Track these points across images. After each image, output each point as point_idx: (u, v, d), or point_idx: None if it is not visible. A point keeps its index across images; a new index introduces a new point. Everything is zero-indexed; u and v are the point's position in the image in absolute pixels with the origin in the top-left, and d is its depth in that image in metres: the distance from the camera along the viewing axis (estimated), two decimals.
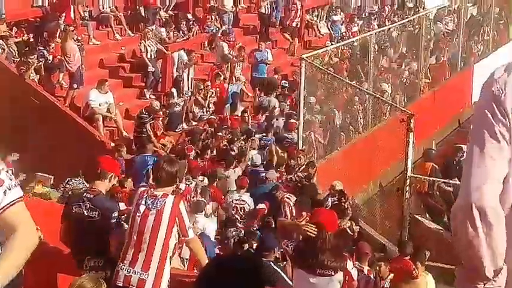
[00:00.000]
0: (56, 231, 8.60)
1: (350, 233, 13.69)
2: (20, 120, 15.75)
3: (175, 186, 6.93)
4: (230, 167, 15.21)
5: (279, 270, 8.69)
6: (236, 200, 13.94)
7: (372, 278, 10.46)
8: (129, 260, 6.49)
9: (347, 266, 6.48)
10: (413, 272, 10.50)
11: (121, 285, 6.49)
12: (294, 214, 11.35)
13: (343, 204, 13.87)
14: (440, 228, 15.01)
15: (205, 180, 14.41)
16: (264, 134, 17.11)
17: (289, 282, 8.62)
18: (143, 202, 6.53)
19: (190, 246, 6.93)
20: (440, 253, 12.67)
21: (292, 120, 17.32)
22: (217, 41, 21.82)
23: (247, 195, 14.07)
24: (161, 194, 6.56)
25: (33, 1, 19.02)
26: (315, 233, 6.39)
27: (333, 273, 6.35)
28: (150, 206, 6.49)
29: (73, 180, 13.57)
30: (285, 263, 9.67)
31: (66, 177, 13.62)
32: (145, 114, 16.97)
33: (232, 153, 15.93)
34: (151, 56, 19.23)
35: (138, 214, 6.52)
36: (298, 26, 24.23)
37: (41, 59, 17.49)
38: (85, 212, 6.94)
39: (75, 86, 17.49)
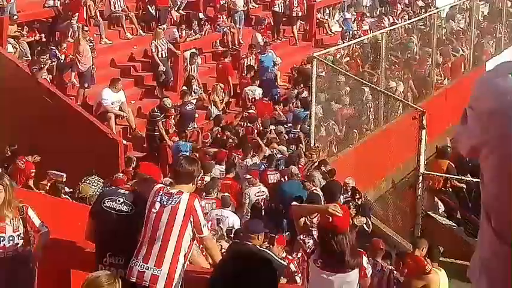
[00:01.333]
0: (65, 226, 8.65)
1: (366, 229, 13.70)
2: (32, 119, 15.81)
3: (193, 184, 6.84)
4: (248, 155, 15.38)
5: (272, 254, 8.73)
6: (257, 193, 13.97)
7: (386, 273, 10.45)
8: (143, 256, 6.48)
9: (363, 262, 6.49)
10: (426, 267, 10.47)
11: (134, 280, 6.49)
12: None
13: (356, 200, 13.88)
14: (453, 224, 14.98)
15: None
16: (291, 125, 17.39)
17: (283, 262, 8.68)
18: (158, 199, 6.52)
19: (204, 243, 6.88)
20: (453, 249, 12.64)
21: None
22: (252, 32, 22.81)
23: (263, 186, 14.18)
24: (176, 191, 6.56)
25: (45, 2, 19.09)
26: (340, 214, 6.39)
27: (350, 270, 6.34)
28: (165, 203, 6.48)
29: (90, 179, 13.62)
30: (270, 246, 9.82)
31: (78, 175, 13.67)
32: (157, 112, 17.02)
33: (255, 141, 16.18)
34: (162, 55, 19.28)
35: (153, 211, 6.50)
36: (299, 15, 24.37)
37: (53, 59, 17.58)
38: (117, 206, 6.88)
39: (86, 85, 17.57)
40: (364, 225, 13.79)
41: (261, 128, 17.43)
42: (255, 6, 25.02)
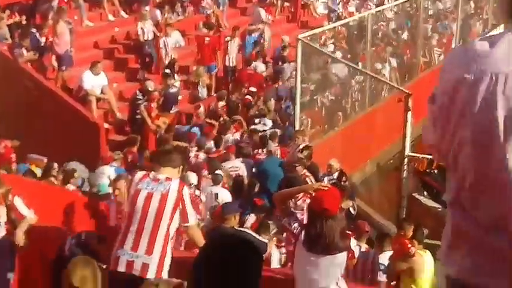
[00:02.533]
0: (55, 215, 8.47)
1: (352, 212, 13.56)
2: (13, 103, 15.57)
3: (178, 172, 6.76)
4: (227, 131, 15.80)
5: (251, 233, 8.75)
6: (230, 168, 13.91)
7: (370, 255, 10.33)
8: (131, 245, 6.36)
9: (351, 245, 6.39)
10: (411, 250, 10.34)
11: (123, 271, 6.34)
12: None
13: (342, 183, 13.71)
14: (438, 206, 14.87)
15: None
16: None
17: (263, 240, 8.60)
18: (145, 186, 6.42)
19: (190, 232, 6.78)
20: (438, 231, 12.50)
21: None
22: (255, 7, 22.93)
23: (239, 161, 14.24)
24: (164, 178, 6.46)
25: None
26: (327, 186, 6.32)
27: (338, 253, 6.24)
28: (153, 190, 6.38)
29: (71, 163, 13.45)
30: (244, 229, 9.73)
31: (59, 159, 13.48)
32: (139, 95, 16.80)
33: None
34: (148, 37, 19.03)
35: (140, 198, 6.39)
36: None
37: (33, 41, 17.30)
38: None
39: (63, 68, 17.30)
40: (350, 208, 13.63)
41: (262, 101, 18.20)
42: None
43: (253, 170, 14.22)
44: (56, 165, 13.13)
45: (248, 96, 18.65)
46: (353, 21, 21.43)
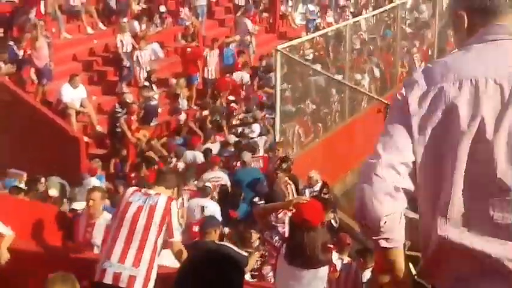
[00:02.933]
0: (27, 227, 8.38)
1: (334, 224, 13.55)
2: None
3: (172, 193, 6.82)
4: (208, 140, 16.28)
5: (231, 247, 8.70)
6: (212, 178, 13.96)
7: (352, 268, 10.30)
8: (118, 257, 6.35)
9: (332, 258, 6.38)
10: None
11: (109, 283, 6.31)
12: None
13: (324, 195, 13.70)
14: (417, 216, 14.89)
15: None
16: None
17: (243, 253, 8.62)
18: (136, 199, 6.50)
19: (174, 248, 6.72)
20: (418, 241, 12.52)
21: None
22: (240, 19, 22.99)
23: (221, 171, 14.39)
24: (155, 193, 6.57)
25: None
26: (306, 200, 6.32)
27: (320, 266, 6.22)
28: (143, 203, 6.46)
29: (52, 178, 13.37)
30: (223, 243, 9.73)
31: (39, 173, 13.38)
32: (118, 108, 16.72)
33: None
34: (126, 49, 18.97)
35: (130, 210, 6.45)
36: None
37: (11, 54, 17.19)
38: None
39: (44, 81, 17.20)
40: (332, 220, 13.62)
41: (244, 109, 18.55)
42: None
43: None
44: (43, 179, 13.07)
45: (233, 105, 18.83)
46: (331, 32, 21.51)
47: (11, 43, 17.52)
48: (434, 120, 2.48)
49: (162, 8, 21.78)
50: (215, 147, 16.20)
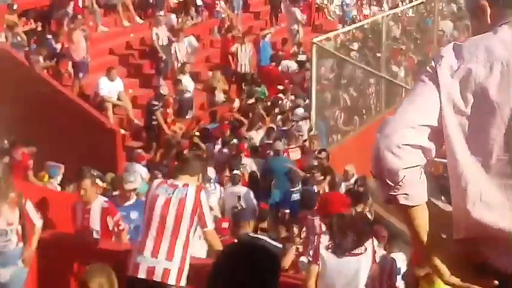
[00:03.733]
0: (65, 221, 8.47)
1: (369, 216, 13.51)
2: (30, 110, 15.59)
3: (198, 180, 6.78)
4: (253, 128, 16.22)
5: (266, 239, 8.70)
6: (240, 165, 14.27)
7: (388, 261, 10.25)
8: (151, 250, 6.38)
9: (374, 245, 6.41)
10: None
11: (144, 277, 6.35)
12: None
13: (359, 187, 13.65)
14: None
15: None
16: None
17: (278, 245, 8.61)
18: (163, 191, 6.46)
19: (208, 237, 6.76)
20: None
21: None
22: (289, 7, 23.00)
23: (246, 159, 14.58)
24: (182, 184, 6.50)
25: None
26: None
27: (361, 253, 6.28)
28: (171, 195, 6.42)
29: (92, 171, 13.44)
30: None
31: (76, 166, 13.45)
32: (154, 102, 16.80)
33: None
34: (162, 42, 19.04)
35: (158, 204, 6.43)
36: None
37: (49, 48, 17.36)
38: None
39: (80, 75, 17.34)
40: (367, 212, 13.57)
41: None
42: None
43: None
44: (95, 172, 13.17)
45: (280, 95, 18.88)
46: (367, 24, 21.42)
47: (49, 37, 17.68)
48: (463, 99, 2.39)
49: (199, 1, 21.81)
50: (259, 135, 16.28)
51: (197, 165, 6.80)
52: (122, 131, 16.63)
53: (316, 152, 14.76)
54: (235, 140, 15.54)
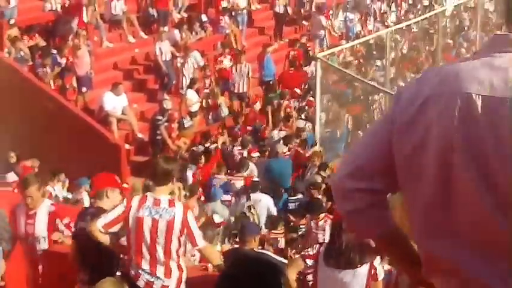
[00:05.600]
0: None
1: None
2: (34, 124, 15.62)
3: (172, 183, 6.57)
4: (276, 127, 16.98)
5: (271, 254, 8.75)
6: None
7: (393, 275, 10.21)
8: (148, 268, 6.35)
9: (374, 262, 6.32)
10: None
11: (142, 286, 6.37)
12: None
13: None
14: None
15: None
16: None
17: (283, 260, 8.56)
18: (147, 213, 6.26)
19: (203, 253, 6.79)
20: None
21: None
22: (315, 15, 23.82)
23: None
24: (167, 202, 6.32)
25: (44, 6, 18.95)
26: None
27: (358, 266, 6.21)
28: (157, 217, 6.26)
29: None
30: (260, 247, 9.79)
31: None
32: (159, 116, 16.83)
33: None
34: (165, 57, 19.08)
35: (145, 227, 6.27)
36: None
37: (54, 62, 17.42)
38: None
39: (83, 89, 17.39)
40: None
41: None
42: (258, 7, 24.83)
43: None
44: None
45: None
46: (372, 39, 21.45)
47: (54, 51, 17.74)
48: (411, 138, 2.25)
49: (204, 17, 21.87)
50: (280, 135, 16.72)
51: (167, 174, 6.46)
52: (127, 146, 16.63)
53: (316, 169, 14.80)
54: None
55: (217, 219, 11.29)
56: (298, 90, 20.01)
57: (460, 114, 2.13)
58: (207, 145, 16.53)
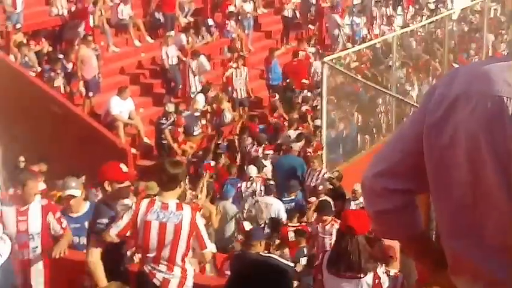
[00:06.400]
0: None
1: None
2: (41, 129, 15.67)
3: (180, 187, 6.52)
4: (292, 127, 17.22)
5: (278, 258, 8.78)
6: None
7: (399, 280, 10.20)
8: (157, 268, 6.37)
9: (377, 270, 6.29)
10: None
11: (158, 284, 6.37)
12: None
13: None
14: None
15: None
16: None
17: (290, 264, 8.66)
18: (155, 217, 6.25)
19: (207, 258, 6.84)
20: None
21: None
22: (329, 14, 24.44)
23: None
24: (175, 206, 6.31)
25: (51, 11, 19.02)
26: None
27: (362, 276, 6.15)
28: (165, 220, 6.24)
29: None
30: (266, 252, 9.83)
31: (88, 184, 13.51)
32: (163, 120, 16.86)
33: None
34: (172, 62, 19.11)
35: (152, 231, 6.26)
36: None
37: (61, 67, 17.46)
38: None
39: (90, 94, 17.44)
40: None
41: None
42: (264, 11, 24.86)
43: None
44: None
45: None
46: (378, 43, 21.43)
47: (60, 56, 17.78)
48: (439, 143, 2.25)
49: (210, 21, 21.89)
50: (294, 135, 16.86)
51: (175, 179, 6.39)
52: (133, 150, 16.66)
53: (324, 174, 14.81)
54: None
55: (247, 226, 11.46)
56: (305, 81, 20.24)
57: (490, 116, 2.11)
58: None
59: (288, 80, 20.20)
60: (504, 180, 2.09)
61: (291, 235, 11.95)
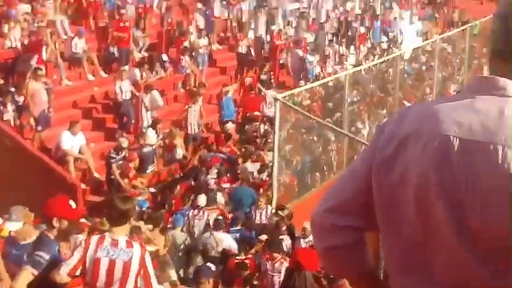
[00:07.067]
0: None
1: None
2: None
3: (129, 223, 6.59)
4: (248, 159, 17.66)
5: None
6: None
7: None
8: None
9: None
10: None
11: None
12: None
13: None
14: None
15: None
16: None
17: None
18: (105, 254, 6.25)
19: None
20: None
21: None
22: (291, 50, 24.95)
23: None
24: (125, 243, 6.32)
25: (4, 43, 18.90)
26: None
27: None
28: (115, 257, 6.25)
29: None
30: None
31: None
32: (113, 154, 16.79)
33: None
34: (125, 96, 19.09)
35: (101, 268, 6.25)
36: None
37: (12, 101, 17.31)
38: None
39: (39, 128, 17.27)
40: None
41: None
42: (219, 47, 25.02)
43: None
44: None
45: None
46: (331, 81, 21.63)
47: (12, 89, 17.64)
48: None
49: (164, 57, 21.94)
50: (254, 167, 17.11)
51: (125, 215, 6.43)
52: (83, 185, 16.55)
53: (271, 210, 14.88)
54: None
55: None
56: (258, 113, 20.92)
57: (438, 154, 2.14)
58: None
59: (247, 114, 20.48)
60: (452, 217, 2.11)
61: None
